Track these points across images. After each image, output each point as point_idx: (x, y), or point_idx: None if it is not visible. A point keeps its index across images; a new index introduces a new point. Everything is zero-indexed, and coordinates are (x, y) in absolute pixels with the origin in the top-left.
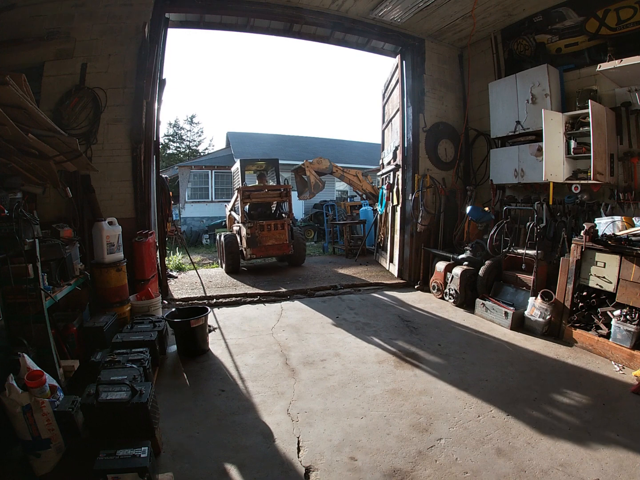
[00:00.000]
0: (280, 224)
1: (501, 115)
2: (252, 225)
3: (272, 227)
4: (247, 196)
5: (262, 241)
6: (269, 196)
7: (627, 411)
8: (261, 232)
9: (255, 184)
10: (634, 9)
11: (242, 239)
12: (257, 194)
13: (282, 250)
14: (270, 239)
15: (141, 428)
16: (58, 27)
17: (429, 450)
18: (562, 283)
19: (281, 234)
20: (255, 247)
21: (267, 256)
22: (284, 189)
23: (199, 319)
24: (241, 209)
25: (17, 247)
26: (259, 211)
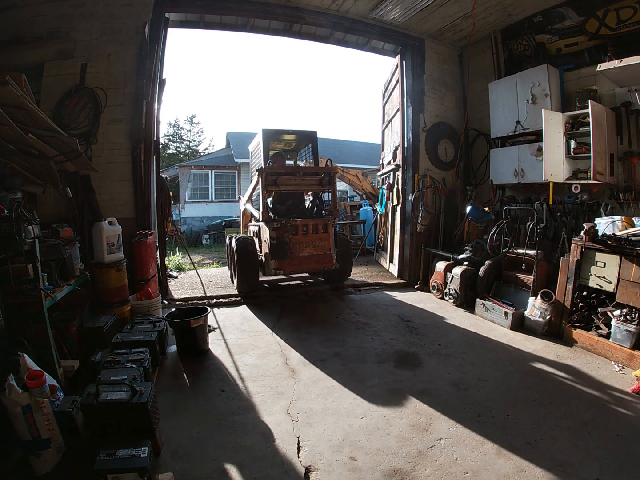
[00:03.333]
0: (322, 224)
1: (501, 115)
2: (279, 226)
3: (309, 229)
4: (272, 181)
5: (295, 250)
6: (304, 183)
7: (627, 411)
8: (293, 237)
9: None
10: (634, 9)
11: (264, 244)
12: (287, 180)
13: (323, 263)
14: (306, 247)
15: (141, 428)
16: (58, 27)
17: (429, 450)
18: (562, 283)
19: (323, 240)
20: (283, 258)
21: (301, 272)
22: (326, 174)
23: (199, 319)
24: (263, 200)
25: (17, 247)
26: (288, 205)
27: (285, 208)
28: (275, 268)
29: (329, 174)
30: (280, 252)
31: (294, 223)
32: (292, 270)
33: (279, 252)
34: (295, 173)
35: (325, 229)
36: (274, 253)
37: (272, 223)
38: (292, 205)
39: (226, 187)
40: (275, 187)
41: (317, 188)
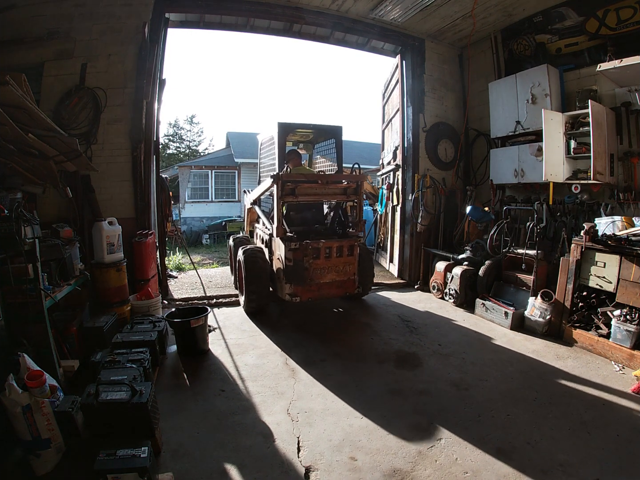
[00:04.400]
0: (347, 246)
1: (501, 115)
2: (297, 247)
3: (333, 251)
4: (290, 191)
5: (315, 276)
6: (327, 193)
7: (627, 411)
8: (314, 262)
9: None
10: (634, 9)
11: (276, 259)
12: (308, 189)
13: (345, 288)
14: (328, 273)
15: (141, 428)
16: (58, 27)
17: (429, 450)
18: (562, 283)
19: (347, 264)
20: (302, 284)
21: (319, 298)
22: (354, 182)
23: (199, 319)
24: (277, 212)
25: (17, 247)
26: (303, 217)
27: (300, 217)
28: (291, 294)
29: (357, 182)
30: (297, 277)
31: (315, 245)
32: (310, 297)
33: (295, 277)
34: (319, 180)
35: (351, 252)
36: (290, 277)
37: (289, 242)
38: (308, 217)
39: (226, 187)
40: (293, 198)
41: (341, 198)
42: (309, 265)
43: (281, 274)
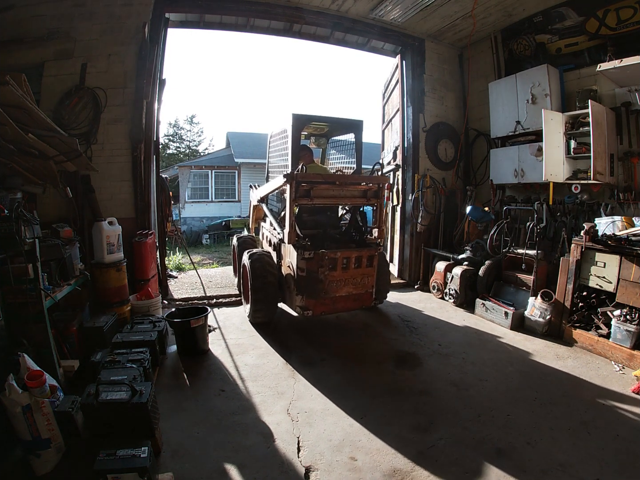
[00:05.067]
0: (367, 257)
1: (501, 115)
2: (312, 257)
3: (351, 262)
4: (305, 193)
5: (331, 290)
6: (345, 195)
7: (627, 411)
8: (330, 274)
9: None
10: (634, 9)
11: (285, 267)
12: (324, 190)
13: (361, 302)
14: (344, 286)
15: (141, 428)
16: (58, 27)
17: (429, 450)
18: (562, 283)
19: (366, 276)
20: (315, 297)
21: (332, 313)
22: (375, 184)
23: (199, 319)
24: (290, 216)
25: (17, 247)
26: (316, 220)
27: (313, 220)
28: (302, 307)
29: (379, 184)
30: (309, 289)
31: (332, 256)
32: (323, 312)
33: (308, 289)
34: (337, 181)
35: (371, 262)
36: (302, 288)
37: (303, 251)
38: (323, 218)
39: (226, 187)
40: (308, 200)
41: (360, 202)
42: (324, 278)
43: (292, 284)
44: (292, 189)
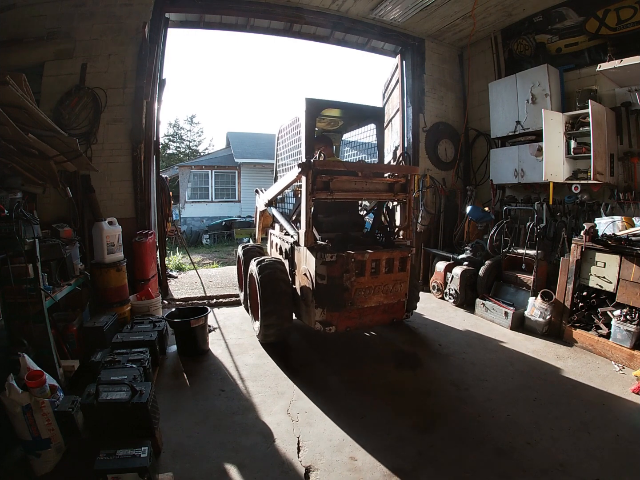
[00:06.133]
0: (399, 259)
1: (501, 115)
2: (334, 261)
3: (381, 266)
4: (324, 185)
5: (358, 300)
6: (369, 189)
7: (627, 411)
8: (357, 280)
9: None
10: (634, 9)
11: (301, 275)
12: (345, 183)
13: (392, 313)
14: (374, 295)
15: (141, 428)
16: (58, 27)
17: (429, 450)
18: (562, 283)
19: (398, 282)
20: (339, 309)
21: (359, 328)
22: (403, 176)
23: (199, 319)
24: (307, 213)
25: (17, 247)
26: (333, 221)
27: (330, 221)
28: (323, 322)
29: (406, 175)
30: (332, 300)
31: (360, 258)
32: (348, 327)
33: (330, 300)
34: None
35: (403, 266)
36: (322, 299)
37: (323, 254)
38: (342, 218)
39: (226, 187)
40: (327, 194)
41: (386, 196)
42: (351, 285)
43: (309, 296)
44: (309, 180)
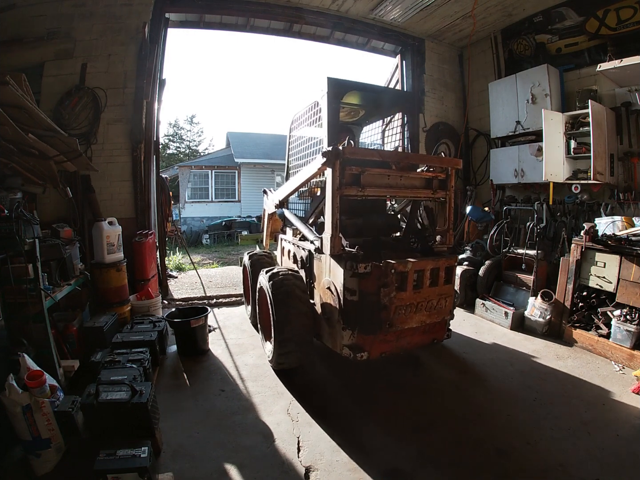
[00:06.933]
0: (445, 267)
1: (501, 115)
2: (368, 272)
3: (425, 278)
4: (353, 179)
5: (398, 320)
6: (405, 185)
7: (627, 411)
8: (398, 295)
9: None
10: (634, 9)
11: (322, 291)
12: (378, 177)
13: (432, 334)
14: (416, 314)
15: (141, 428)
16: (58, 27)
17: (430, 450)
18: (562, 283)
19: (443, 296)
20: (373, 332)
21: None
22: (443, 169)
23: (199, 319)
24: (333, 213)
25: (17, 247)
26: (357, 226)
27: (356, 225)
28: (352, 347)
29: (446, 169)
30: (366, 321)
31: (401, 269)
32: (383, 352)
33: (363, 320)
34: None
35: (449, 278)
36: (352, 320)
37: (354, 264)
38: (374, 220)
39: (226, 187)
40: (357, 190)
41: (425, 194)
42: (390, 302)
43: (334, 315)
44: (336, 173)
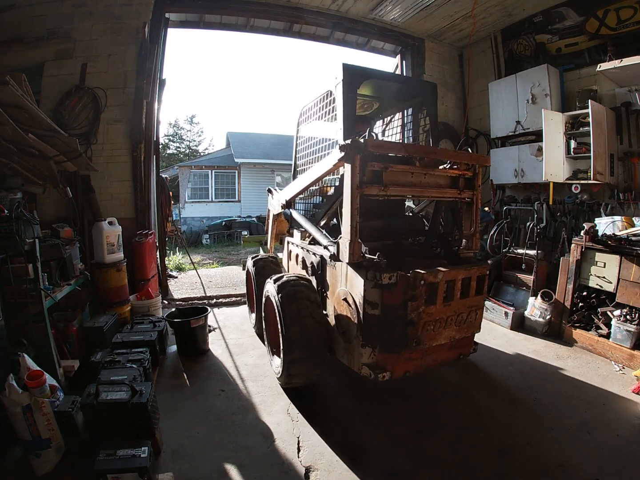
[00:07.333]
0: (477, 277)
1: (501, 115)
2: (394, 283)
3: (456, 289)
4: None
5: (427, 336)
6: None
7: (627, 411)
8: (427, 309)
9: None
10: (634, 9)
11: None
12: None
13: (459, 349)
14: (446, 328)
15: (141, 428)
16: (58, 27)
17: (430, 450)
18: (562, 283)
19: (473, 309)
20: (399, 350)
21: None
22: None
23: (199, 319)
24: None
25: (17, 247)
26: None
27: (370, 228)
28: (373, 366)
29: (472, 168)
30: (389, 337)
31: (432, 279)
32: (407, 372)
33: (386, 337)
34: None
35: (480, 288)
36: (373, 335)
37: (377, 274)
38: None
39: (226, 187)
40: (379, 190)
41: (451, 194)
42: (418, 317)
43: (352, 329)
44: (356, 169)
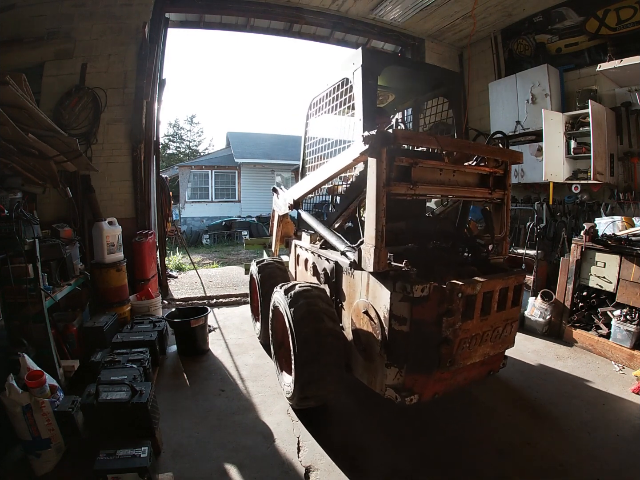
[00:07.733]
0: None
1: (501, 115)
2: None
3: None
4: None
5: (462, 355)
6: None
7: (627, 411)
8: (464, 325)
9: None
10: (634, 9)
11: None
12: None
13: (490, 366)
14: (481, 345)
15: (141, 428)
16: (58, 27)
17: (430, 451)
18: (562, 283)
19: (509, 322)
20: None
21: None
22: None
23: (199, 319)
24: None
25: (17, 247)
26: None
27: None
28: (400, 388)
29: (504, 165)
30: (419, 357)
31: (469, 291)
32: (436, 393)
33: (416, 356)
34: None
35: (517, 299)
36: (400, 354)
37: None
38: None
39: (226, 187)
40: (407, 188)
41: (480, 193)
42: (453, 334)
43: (374, 347)
44: (383, 164)
